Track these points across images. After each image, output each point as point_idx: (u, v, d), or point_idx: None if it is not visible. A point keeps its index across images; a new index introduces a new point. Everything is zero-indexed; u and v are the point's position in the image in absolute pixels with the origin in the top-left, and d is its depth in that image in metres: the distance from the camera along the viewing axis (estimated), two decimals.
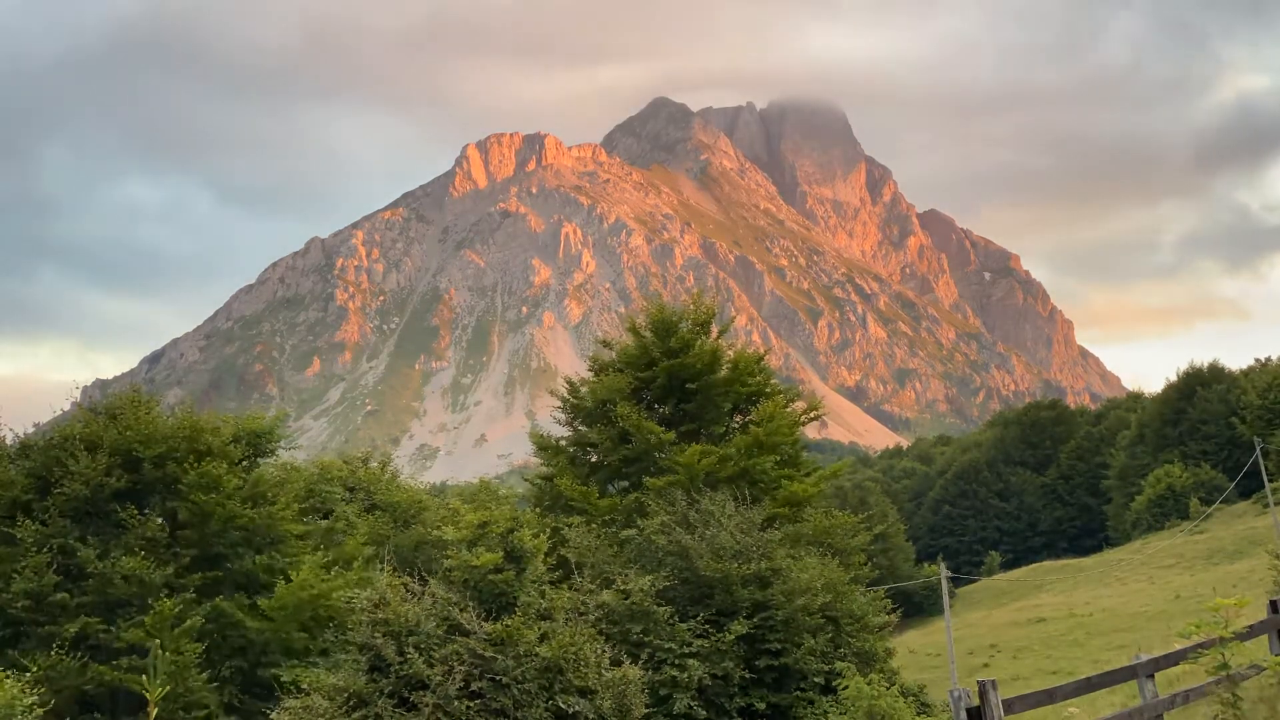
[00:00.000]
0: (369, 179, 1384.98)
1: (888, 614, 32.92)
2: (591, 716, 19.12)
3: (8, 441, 33.76)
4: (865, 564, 38.40)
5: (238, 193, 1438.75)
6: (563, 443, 39.40)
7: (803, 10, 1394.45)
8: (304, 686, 20.00)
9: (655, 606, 25.72)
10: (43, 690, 22.46)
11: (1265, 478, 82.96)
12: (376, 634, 19.23)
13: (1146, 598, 70.54)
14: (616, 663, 20.76)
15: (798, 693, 26.78)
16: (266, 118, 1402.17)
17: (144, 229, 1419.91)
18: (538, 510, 36.74)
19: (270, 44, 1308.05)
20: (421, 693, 18.31)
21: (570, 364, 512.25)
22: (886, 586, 45.94)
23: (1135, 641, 46.14)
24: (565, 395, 39.46)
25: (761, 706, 26.37)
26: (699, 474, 33.67)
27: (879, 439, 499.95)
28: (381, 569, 21.04)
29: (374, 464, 54.02)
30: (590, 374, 41.15)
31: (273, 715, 19.52)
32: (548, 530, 28.51)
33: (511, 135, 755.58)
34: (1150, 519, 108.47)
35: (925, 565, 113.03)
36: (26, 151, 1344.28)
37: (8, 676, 20.61)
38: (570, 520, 31.56)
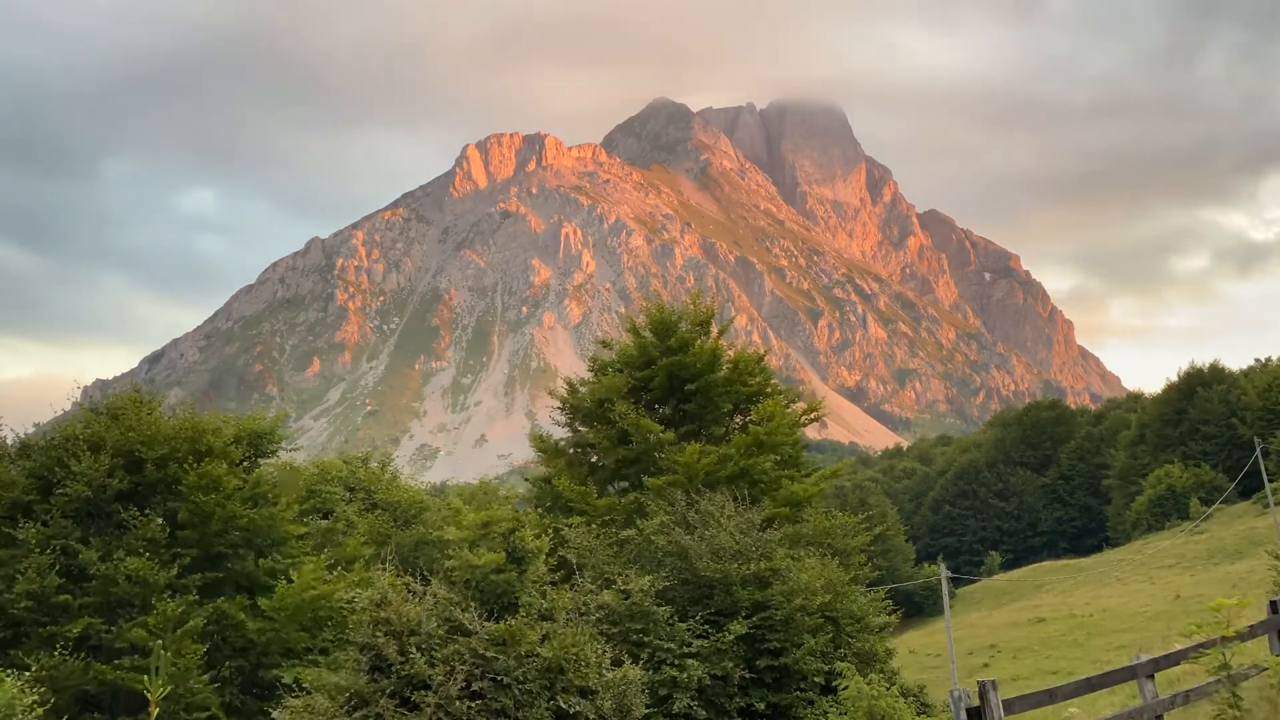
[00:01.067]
0: (369, 179, 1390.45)
1: (888, 614, 32.92)
2: (592, 716, 19.12)
3: (8, 442, 33.70)
4: (865, 564, 38.39)
5: (296, 201, 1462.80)
6: (562, 443, 39.40)
7: (876, 16, 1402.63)
8: (305, 686, 20.00)
9: (655, 607, 25.72)
10: (43, 690, 22.47)
11: (1265, 478, 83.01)
12: (378, 634, 19.23)
13: (1147, 598, 70.59)
14: (617, 663, 20.78)
15: (798, 693, 26.78)
16: (282, 131, 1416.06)
17: (202, 239, 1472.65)
18: (538, 510, 36.75)
19: (297, 60, 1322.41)
20: (423, 692, 18.32)
21: (570, 364, 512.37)
22: (886, 587, 45.94)
23: (1135, 642, 46.22)
24: (565, 395, 39.46)
25: (761, 706, 26.37)
26: (698, 474, 33.65)
27: (879, 439, 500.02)
28: (383, 569, 21.04)
29: (374, 464, 54.06)
30: (590, 374, 41.15)
31: (274, 715, 19.52)
32: (548, 531, 28.54)
33: (511, 135, 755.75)
34: (1150, 519, 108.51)
35: (925, 565, 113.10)
36: (90, 163, 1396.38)
37: (7, 675, 20.61)
38: (570, 521, 31.56)
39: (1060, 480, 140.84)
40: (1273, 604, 16.66)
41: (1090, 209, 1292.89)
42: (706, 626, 26.42)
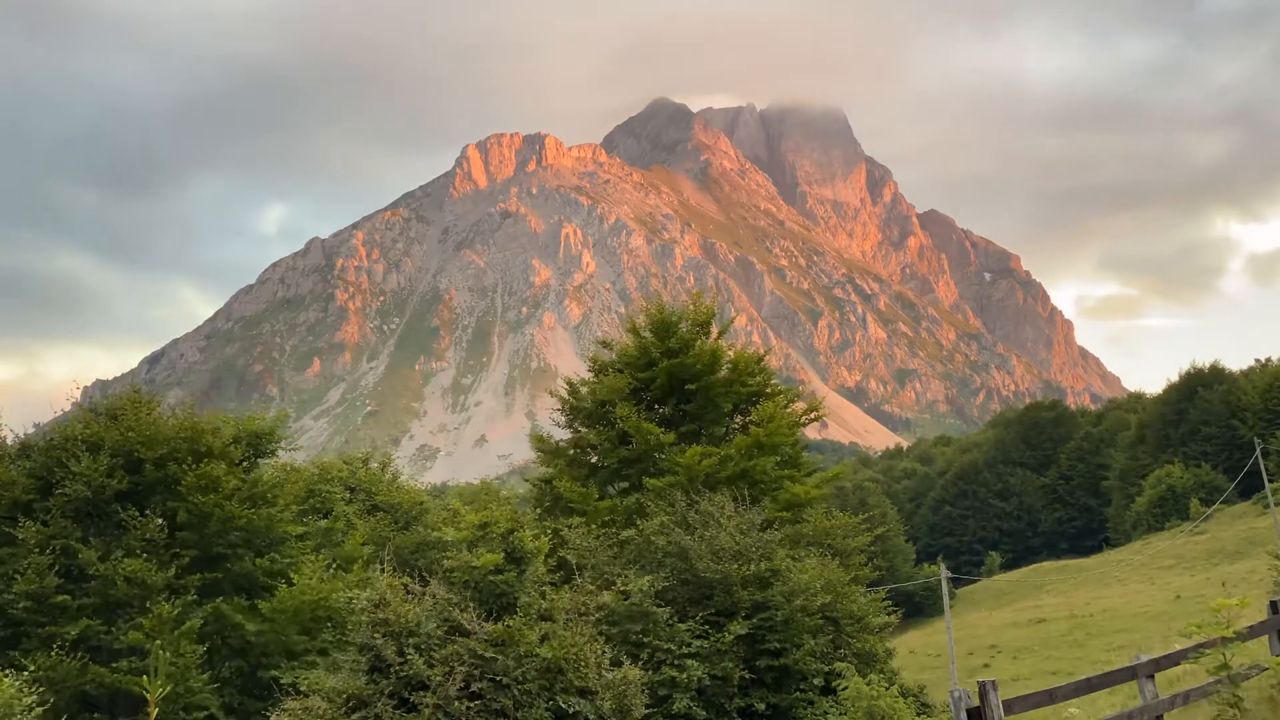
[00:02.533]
0: (369, 179, 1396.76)
1: (888, 615, 32.90)
2: (592, 717, 19.11)
3: (8, 442, 33.68)
4: (865, 565, 38.37)
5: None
6: (562, 444, 39.34)
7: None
8: (303, 688, 19.99)
9: (655, 607, 25.69)
10: (42, 690, 22.44)
11: (1265, 478, 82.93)
12: (377, 635, 19.21)
13: (1147, 598, 70.57)
14: (616, 663, 20.76)
15: (797, 693, 26.75)
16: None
17: (274, 249, 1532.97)
18: (538, 511, 36.70)
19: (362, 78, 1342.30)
20: (422, 693, 18.30)
21: (570, 364, 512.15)
22: (886, 587, 45.90)
23: (1135, 642, 46.13)
24: (565, 396, 39.40)
25: (761, 707, 26.33)
26: (699, 475, 33.61)
27: (879, 439, 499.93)
28: (381, 570, 21.02)
29: (374, 465, 53.98)
30: (590, 375, 41.11)
31: (272, 717, 19.48)
32: (548, 531, 28.50)
33: (511, 135, 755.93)
34: (1150, 519, 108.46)
35: (925, 566, 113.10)
36: (171, 180, 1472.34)
37: (6, 676, 20.59)
38: (570, 521, 31.52)
39: (1060, 480, 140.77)
40: (1273, 604, 16.64)
41: (1144, 214, 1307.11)
42: (706, 627, 26.37)
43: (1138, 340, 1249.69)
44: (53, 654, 27.69)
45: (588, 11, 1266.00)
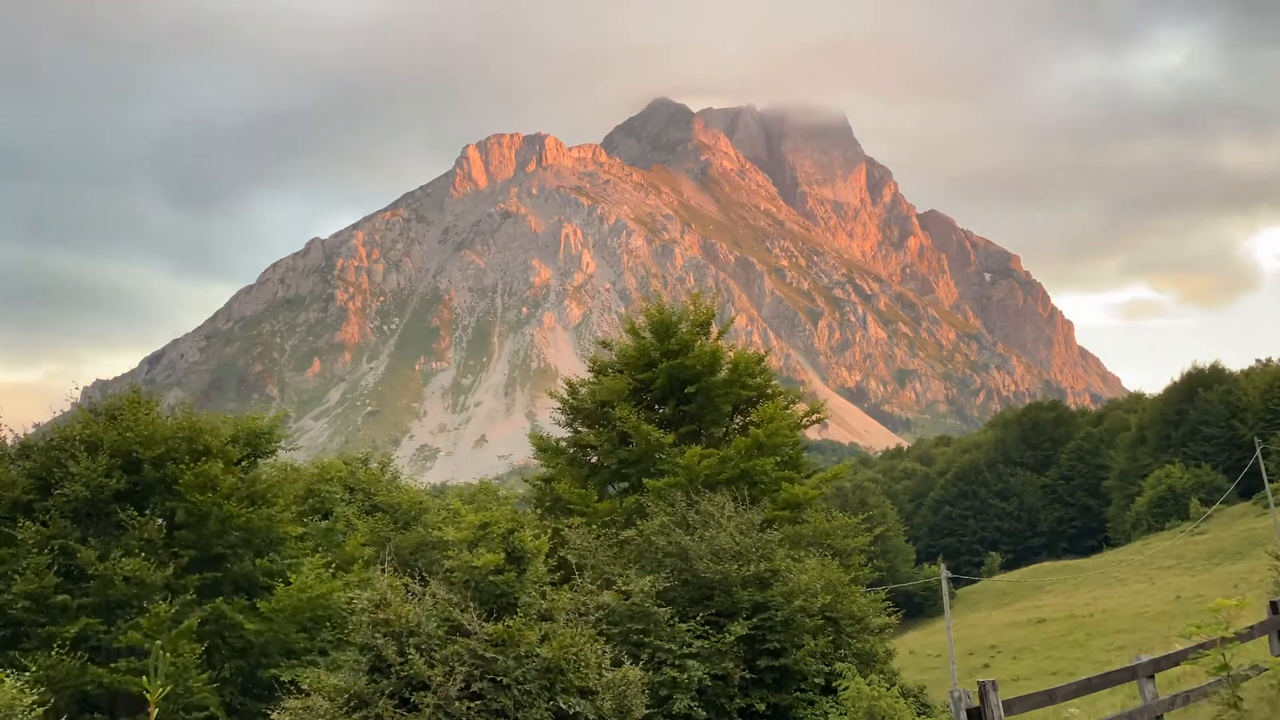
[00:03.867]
0: (369, 179, 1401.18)
1: (888, 615, 32.90)
2: (592, 717, 19.10)
3: (8, 442, 33.70)
4: (865, 565, 38.37)
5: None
6: (562, 444, 39.31)
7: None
8: (304, 687, 19.99)
9: (655, 607, 25.69)
10: (42, 690, 22.45)
11: (1265, 478, 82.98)
12: (377, 635, 19.21)
13: (1147, 598, 70.61)
14: (617, 663, 20.76)
15: (798, 693, 26.76)
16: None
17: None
18: (538, 511, 36.68)
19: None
20: (422, 693, 18.30)
21: (570, 364, 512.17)
22: (887, 587, 45.90)
23: (1136, 642, 46.19)
24: (564, 397, 39.36)
25: (761, 707, 26.34)
26: (699, 476, 33.59)
27: (879, 439, 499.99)
28: (382, 570, 21.03)
29: (374, 465, 53.89)
30: (590, 375, 41.08)
31: (273, 716, 19.48)
32: (548, 531, 28.51)
33: (511, 135, 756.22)
34: (1150, 520, 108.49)
35: (925, 566, 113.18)
36: (236, 191, 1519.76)
37: (7, 676, 20.60)
38: (570, 521, 31.51)
39: (1060, 481, 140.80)
40: (1273, 604, 16.65)
41: (1183, 218, 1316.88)
42: (707, 627, 26.37)
43: (1165, 343, 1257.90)
44: (52, 654, 27.69)
45: (588, 12, 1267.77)
